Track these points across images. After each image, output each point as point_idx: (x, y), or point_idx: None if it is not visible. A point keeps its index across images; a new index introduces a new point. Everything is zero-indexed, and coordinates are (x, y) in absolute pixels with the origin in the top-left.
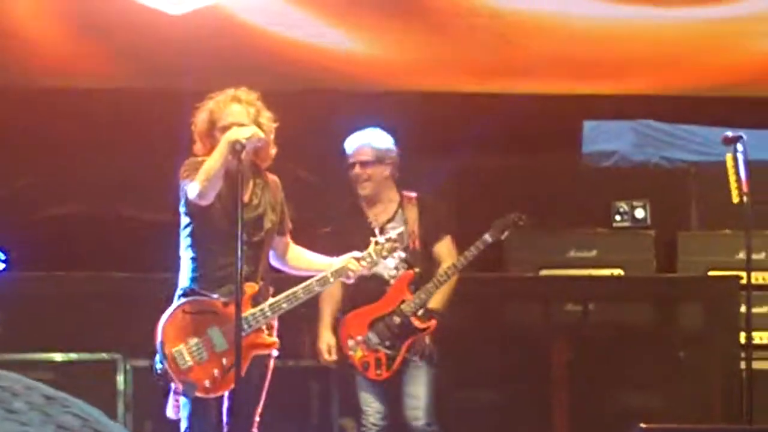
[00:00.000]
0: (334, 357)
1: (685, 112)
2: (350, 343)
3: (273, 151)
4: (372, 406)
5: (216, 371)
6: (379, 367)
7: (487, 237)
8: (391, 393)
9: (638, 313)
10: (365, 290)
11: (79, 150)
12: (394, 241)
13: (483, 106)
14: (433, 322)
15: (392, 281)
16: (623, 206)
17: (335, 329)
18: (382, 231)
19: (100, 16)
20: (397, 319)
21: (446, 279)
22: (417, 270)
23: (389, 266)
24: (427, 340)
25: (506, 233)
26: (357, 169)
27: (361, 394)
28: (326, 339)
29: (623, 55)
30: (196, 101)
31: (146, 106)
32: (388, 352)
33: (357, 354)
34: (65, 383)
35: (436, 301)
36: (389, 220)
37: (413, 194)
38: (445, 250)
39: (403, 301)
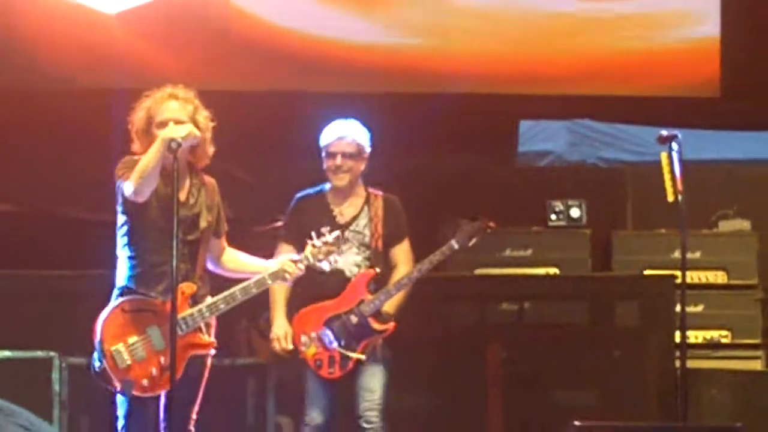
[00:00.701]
0: (290, 346)
1: (622, 112)
2: (303, 339)
3: (210, 150)
4: (318, 402)
5: (154, 370)
6: (332, 366)
7: (454, 243)
8: (341, 388)
9: (574, 312)
10: (323, 284)
11: (13, 149)
12: (331, 244)
13: (417, 105)
14: (391, 325)
15: (352, 278)
16: (559, 205)
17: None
18: (347, 227)
19: (30, 14)
20: (354, 319)
21: (407, 282)
22: (378, 270)
23: (351, 262)
24: (380, 342)
25: (474, 240)
26: (338, 160)
27: (309, 386)
28: (282, 326)
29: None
30: (133, 100)
31: (82, 104)
32: (343, 351)
33: (310, 351)
34: (0, 381)
35: (390, 305)
36: (355, 217)
37: (379, 192)
38: (402, 253)
39: (361, 301)
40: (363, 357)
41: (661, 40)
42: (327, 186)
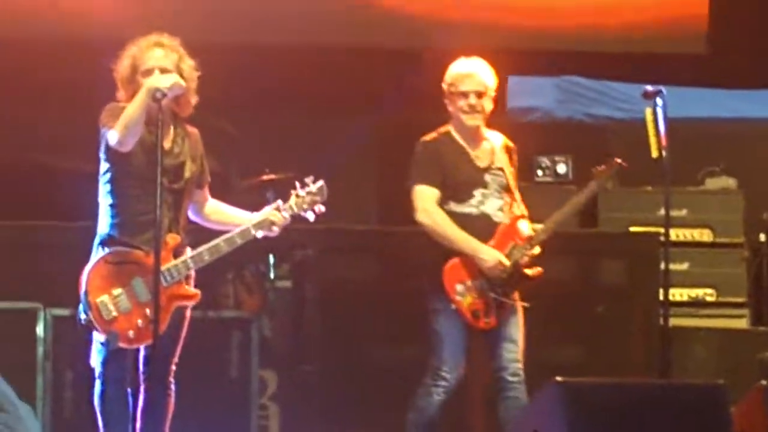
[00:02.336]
0: (509, 265)
1: (610, 68)
2: (459, 288)
3: (193, 100)
4: (455, 359)
5: (140, 321)
6: (488, 315)
7: (594, 185)
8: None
9: (559, 269)
10: (471, 231)
11: None
12: (315, 194)
13: (406, 59)
14: (539, 270)
15: (500, 223)
16: (545, 161)
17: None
18: (487, 170)
19: None
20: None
21: (552, 228)
22: (525, 214)
23: (495, 206)
24: None
25: (611, 182)
26: (471, 99)
27: (445, 343)
28: (492, 252)
29: None
30: (118, 49)
31: (63, 54)
32: (500, 299)
33: (466, 300)
34: None
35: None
36: (492, 160)
37: (498, 134)
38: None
39: (514, 246)
40: (527, 305)
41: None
42: (450, 128)
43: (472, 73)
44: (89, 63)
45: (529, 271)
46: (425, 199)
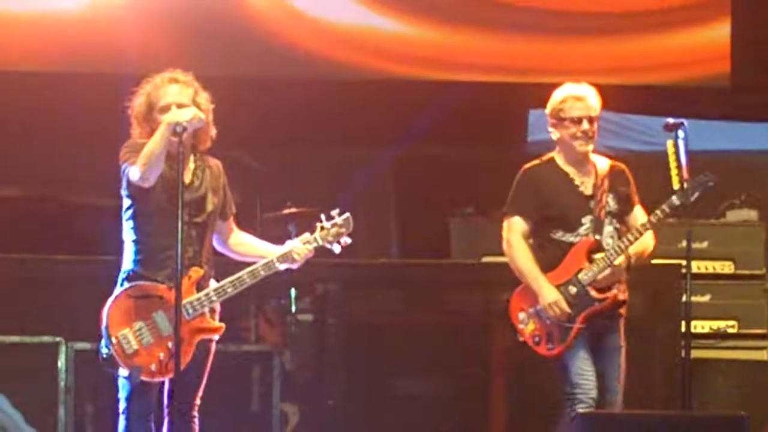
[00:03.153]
0: (566, 309)
1: (631, 101)
2: (521, 316)
3: (212, 132)
4: (589, 380)
5: (162, 355)
6: (550, 341)
7: (675, 200)
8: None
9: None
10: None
11: (19, 134)
12: (340, 226)
13: (427, 93)
14: (612, 293)
15: (571, 248)
16: None
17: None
18: (592, 198)
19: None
20: (573, 289)
21: (627, 245)
22: (597, 238)
23: (605, 233)
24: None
25: (696, 195)
26: (584, 125)
27: (572, 368)
28: (551, 294)
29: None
30: (135, 86)
31: (91, 88)
32: (561, 324)
33: (528, 328)
34: (6, 366)
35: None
36: (595, 187)
37: (605, 159)
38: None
39: (580, 270)
40: (582, 326)
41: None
42: (554, 155)
43: (582, 97)
44: (118, 97)
45: (597, 295)
46: (512, 231)
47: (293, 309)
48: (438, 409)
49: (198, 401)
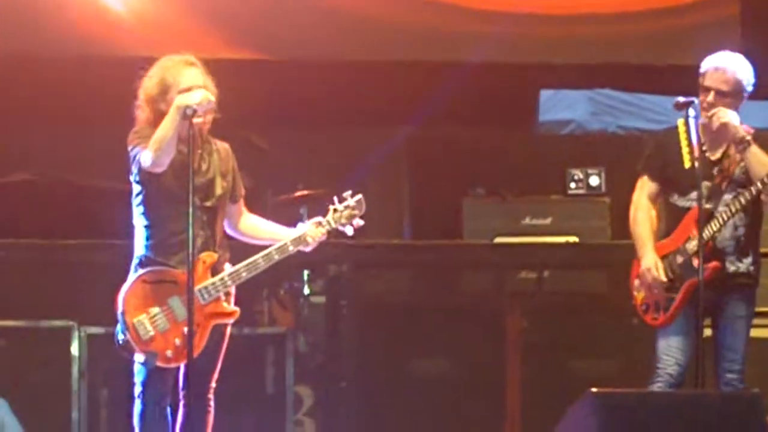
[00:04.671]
0: (662, 276)
1: (643, 81)
2: (636, 282)
3: (211, 117)
4: (672, 356)
5: (178, 341)
6: (657, 311)
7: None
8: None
9: (593, 281)
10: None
11: (29, 118)
12: (353, 208)
13: (438, 74)
14: (713, 264)
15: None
16: (578, 174)
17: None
18: (717, 164)
19: None
20: (679, 258)
21: (736, 211)
22: (709, 206)
23: (722, 201)
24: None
25: None
26: (710, 97)
27: (659, 342)
28: (653, 259)
29: None
30: (140, 68)
31: (102, 72)
32: (666, 294)
33: (640, 295)
34: (20, 350)
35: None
36: (725, 154)
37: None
38: None
39: (688, 239)
40: (684, 296)
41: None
42: (693, 114)
43: (717, 67)
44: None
45: (695, 264)
46: (639, 190)
47: (306, 291)
48: (452, 390)
49: (213, 384)
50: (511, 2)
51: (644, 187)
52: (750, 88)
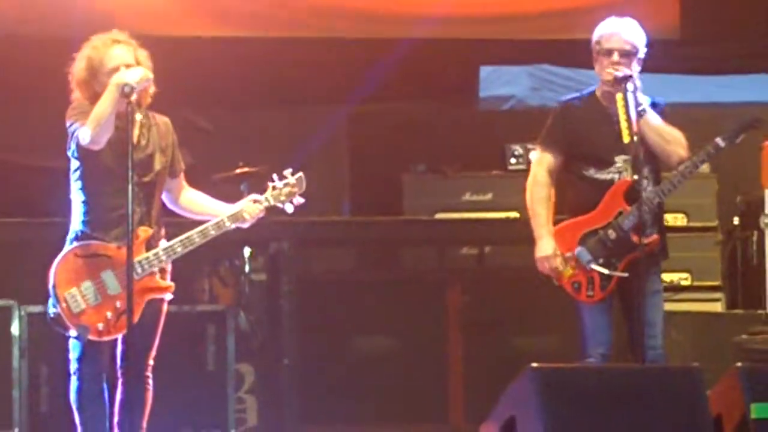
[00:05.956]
0: (558, 265)
1: (581, 55)
2: (558, 260)
3: (152, 90)
4: (603, 334)
5: (109, 314)
6: (591, 288)
7: (720, 141)
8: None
9: (534, 256)
10: (585, 197)
11: None
12: (293, 185)
13: (378, 50)
14: (654, 237)
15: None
16: (518, 149)
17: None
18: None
19: None
20: (612, 234)
21: (670, 189)
22: (635, 178)
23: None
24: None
25: (741, 137)
26: (614, 57)
27: (586, 322)
28: (550, 246)
29: None
30: (74, 49)
31: (32, 51)
32: (602, 270)
33: (566, 272)
34: None
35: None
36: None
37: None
38: None
39: (620, 213)
40: (625, 274)
41: None
42: (594, 89)
43: (617, 31)
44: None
45: (636, 239)
46: (536, 165)
47: (247, 269)
48: (394, 366)
49: (151, 362)
50: None
51: (543, 161)
52: (644, 50)
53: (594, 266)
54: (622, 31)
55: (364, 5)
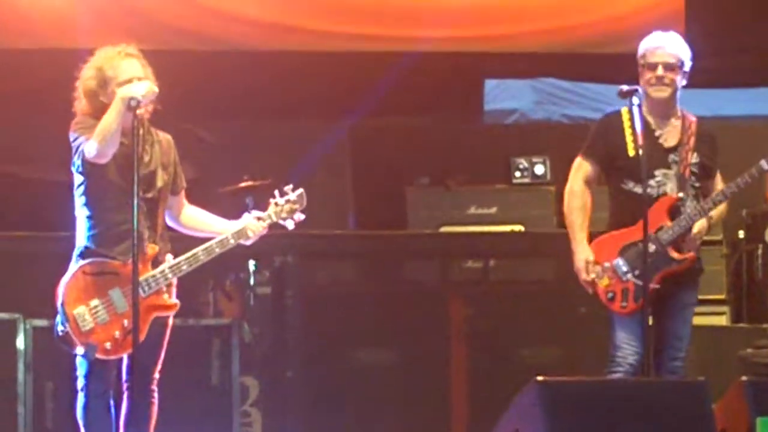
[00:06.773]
0: (593, 276)
1: (586, 70)
2: (596, 269)
3: (150, 108)
4: (633, 345)
5: (117, 333)
6: (625, 299)
7: (764, 164)
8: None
9: (539, 269)
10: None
11: None
12: (294, 202)
13: (383, 63)
14: (691, 254)
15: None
16: (523, 162)
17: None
18: (672, 151)
19: None
20: (651, 247)
21: (711, 207)
22: (681, 195)
23: (677, 188)
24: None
25: None
26: (659, 71)
27: (617, 332)
28: (584, 254)
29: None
30: (81, 60)
31: (40, 64)
32: (638, 282)
33: (602, 282)
34: None
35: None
36: (680, 141)
37: (693, 117)
38: (717, 185)
39: (660, 228)
40: (657, 286)
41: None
42: (636, 102)
43: (662, 45)
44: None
45: (676, 255)
46: (575, 173)
47: (252, 282)
48: (398, 379)
49: (156, 376)
50: None
51: (581, 170)
52: (689, 64)
53: (630, 277)
54: (666, 45)
55: (369, 19)
